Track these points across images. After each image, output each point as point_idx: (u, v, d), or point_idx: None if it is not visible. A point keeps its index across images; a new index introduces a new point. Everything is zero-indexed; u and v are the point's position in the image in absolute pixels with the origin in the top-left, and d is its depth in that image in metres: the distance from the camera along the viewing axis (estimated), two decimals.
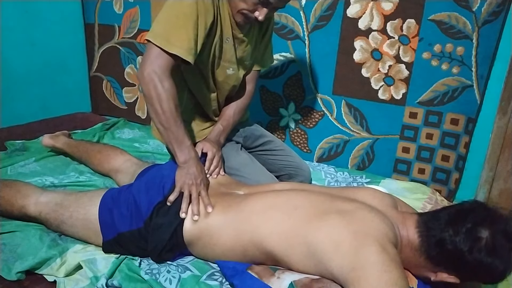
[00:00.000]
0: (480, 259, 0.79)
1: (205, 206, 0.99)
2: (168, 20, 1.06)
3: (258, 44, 1.33)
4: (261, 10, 1.10)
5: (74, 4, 2.21)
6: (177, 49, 1.04)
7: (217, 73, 1.24)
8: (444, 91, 1.58)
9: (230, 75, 1.26)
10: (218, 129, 1.30)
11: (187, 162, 1.07)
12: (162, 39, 1.04)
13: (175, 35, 1.04)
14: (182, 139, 1.08)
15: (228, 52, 1.21)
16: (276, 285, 0.85)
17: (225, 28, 1.17)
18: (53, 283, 0.96)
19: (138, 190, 1.05)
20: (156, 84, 1.03)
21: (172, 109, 1.05)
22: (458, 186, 1.61)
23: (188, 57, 1.06)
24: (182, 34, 1.04)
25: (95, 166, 1.51)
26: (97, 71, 2.34)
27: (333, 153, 1.86)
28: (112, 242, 1.01)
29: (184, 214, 0.98)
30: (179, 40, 1.04)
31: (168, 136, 1.08)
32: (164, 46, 1.03)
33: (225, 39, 1.19)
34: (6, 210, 1.12)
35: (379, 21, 1.60)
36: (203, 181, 1.06)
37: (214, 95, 1.30)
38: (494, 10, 1.41)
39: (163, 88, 1.04)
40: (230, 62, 1.24)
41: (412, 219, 0.89)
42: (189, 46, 1.06)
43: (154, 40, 1.04)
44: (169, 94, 1.05)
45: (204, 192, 1.03)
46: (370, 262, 0.74)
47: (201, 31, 1.08)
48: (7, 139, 1.77)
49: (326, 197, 0.94)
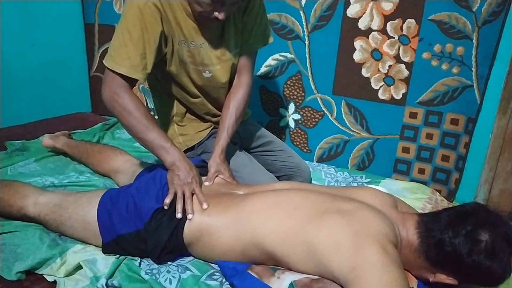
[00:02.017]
0: (479, 261, 0.78)
1: (200, 203, 0.99)
2: (116, 38, 1.09)
3: (240, 29, 1.26)
4: (219, 10, 1.07)
5: (74, 4, 2.21)
6: (123, 68, 1.06)
7: (194, 78, 1.23)
8: (444, 91, 1.58)
9: (209, 78, 1.24)
10: (221, 144, 1.24)
11: (174, 163, 1.07)
12: (110, 59, 1.08)
13: (120, 54, 1.06)
14: (160, 143, 1.08)
15: (197, 55, 1.19)
16: (276, 285, 0.85)
17: (185, 32, 1.15)
18: (53, 283, 0.96)
19: (138, 192, 1.05)
20: (117, 101, 1.07)
21: (139, 119, 1.07)
22: (458, 186, 1.61)
23: (134, 75, 1.07)
24: (127, 52, 1.06)
25: (95, 166, 1.51)
26: (97, 71, 2.34)
27: (333, 153, 1.86)
28: (112, 244, 1.01)
29: (180, 214, 0.98)
30: (124, 58, 1.06)
31: (147, 146, 1.10)
32: (112, 67, 1.07)
33: (189, 43, 1.17)
34: (5, 211, 1.12)
35: (379, 21, 1.60)
36: (194, 179, 1.05)
37: (200, 100, 1.29)
38: (494, 10, 1.41)
39: (123, 103, 1.07)
40: (204, 65, 1.21)
41: (412, 220, 0.89)
42: (136, 63, 1.07)
43: (105, 61, 1.08)
44: (131, 105, 1.07)
45: (198, 189, 1.03)
46: (370, 262, 0.74)
47: (150, 44, 1.08)
48: (7, 139, 1.77)
49: (326, 197, 0.94)
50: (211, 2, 1.05)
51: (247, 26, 1.27)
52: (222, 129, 1.27)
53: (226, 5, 1.07)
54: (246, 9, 1.25)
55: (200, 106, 1.31)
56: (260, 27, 1.30)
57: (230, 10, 1.10)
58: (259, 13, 1.28)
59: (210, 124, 1.38)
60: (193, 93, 1.26)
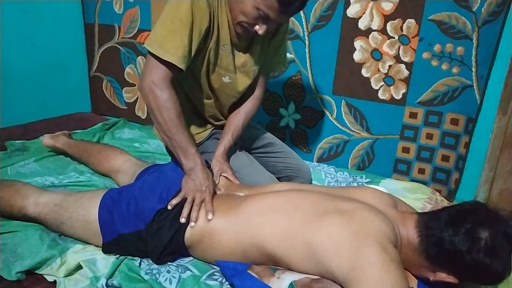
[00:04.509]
0: (479, 259, 0.79)
1: (206, 212, 0.99)
2: (164, 26, 1.06)
3: (265, 49, 1.29)
4: (261, 25, 1.08)
5: (74, 4, 2.21)
6: (171, 56, 1.04)
7: (212, 80, 1.23)
8: (444, 91, 1.58)
9: (227, 83, 1.24)
10: (224, 144, 1.27)
11: (192, 169, 1.07)
12: (157, 46, 1.04)
13: (169, 42, 1.04)
14: (186, 147, 1.07)
15: (225, 59, 1.20)
16: (276, 285, 0.85)
17: (222, 35, 1.15)
18: (53, 283, 0.96)
19: (140, 192, 1.05)
20: (156, 95, 1.04)
21: (173, 118, 1.05)
22: (458, 186, 1.61)
23: (181, 65, 1.06)
24: (177, 41, 1.04)
25: (95, 166, 1.51)
26: (97, 71, 2.34)
27: (333, 153, 1.86)
28: (112, 243, 1.01)
29: (184, 219, 0.98)
30: (173, 47, 1.04)
31: (172, 145, 1.08)
32: (158, 54, 1.04)
33: (222, 45, 1.17)
34: (6, 211, 1.12)
35: (379, 21, 1.60)
36: (208, 188, 1.05)
37: (211, 102, 1.29)
38: (494, 10, 1.41)
39: (163, 98, 1.04)
40: (227, 70, 1.22)
41: (412, 219, 0.89)
42: (183, 53, 1.05)
43: (150, 47, 1.05)
44: (170, 103, 1.05)
45: (208, 198, 1.03)
46: (370, 263, 0.74)
47: (195, 37, 1.07)
48: (7, 139, 1.77)
49: (326, 197, 0.94)
50: (258, 16, 1.06)
51: (272, 48, 1.30)
52: (228, 131, 1.28)
53: (269, 22, 1.08)
54: (276, 32, 1.27)
55: (209, 108, 1.31)
56: (282, 51, 1.35)
57: (270, 27, 1.11)
58: (285, 38, 1.34)
59: (211, 127, 1.38)
60: (207, 94, 1.26)
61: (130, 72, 2.24)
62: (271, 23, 1.09)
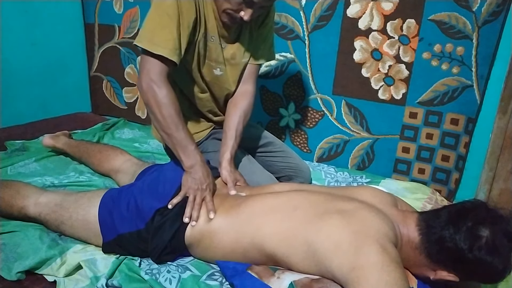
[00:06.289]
0: (480, 257, 0.79)
1: (207, 211, 0.99)
2: (151, 21, 1.06)
3: (253, 39, 1.28)
4: (246, 10, 1.08)
5: (74, 4, 2.21)
6: (161, 49, 1.04)
7: (204, 73, 1.23)
8: (444, 91, 1.58)
9: (218, 76, 1.24)
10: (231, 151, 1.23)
11: (193, 167, 1.06)
12: (146, 41, 1.04)
13: (158, 36, 1.04)
14: (185, 144, 1.07)
15: (214, 51, 1.20)
16: (276, 285, 0.85)
17: (209, 26, 1.16)
18: (53, 283, 0.96)
19: (140, 191, 1.05)
20: (155, 91, 1.05)
21: (172, 114, 1.05)
22: (458, 186, 1.61)
23: (173, 57, 1.06)
24: (165, 34, 1.04)
25: (95, 166, 1.51)
26: (97, 71, 2.34)
27: (333, 153, 1.86)
28: (112, 243, 1.01)
29: (188, 219, 0.98)
30: (162, 40, 1.04)
31: (171, 142, 1.08)
32: (149, 48, 1.04)
33: (210, 37, 1.17)
34: (6, 211, 1.12)
35: (379, 21, 1.60)
36: (208, 186, 1.05)
37: (206, 96, 1.29)
38: (494, 10, 1.41)
39: (161, 94, 1.05)
40: (217, 62, 1.22)
41: (412, 217, 0.89)
42: (174, 46, 1.05)
43: (139, 43, 1.05)
44: (169, 99, 1.05)
45: (209, 197, 1.03)
46: (371, 262, 0.74)
47: (184, 29, 1.07)
48: (7, 139, 1.77)
49: (326, 197, 0.94)
50: (242, 1, 1.06)
51: (260, 38, 1.30)
52: (230, 137, 1.25)
53: (254, 6, 1.07)
54: (263, 21, 1.27)
55: (206, 103, 1.31)
56: (269, 41, 1.34)
57: (255, 13, 1.11)
58: (271, 28, 1.33)
59: (210, 125, 1.38)
60: (201, 87, 1.26)
61: (130, 72, 2.24)
62: (256, 7, 1.08)
